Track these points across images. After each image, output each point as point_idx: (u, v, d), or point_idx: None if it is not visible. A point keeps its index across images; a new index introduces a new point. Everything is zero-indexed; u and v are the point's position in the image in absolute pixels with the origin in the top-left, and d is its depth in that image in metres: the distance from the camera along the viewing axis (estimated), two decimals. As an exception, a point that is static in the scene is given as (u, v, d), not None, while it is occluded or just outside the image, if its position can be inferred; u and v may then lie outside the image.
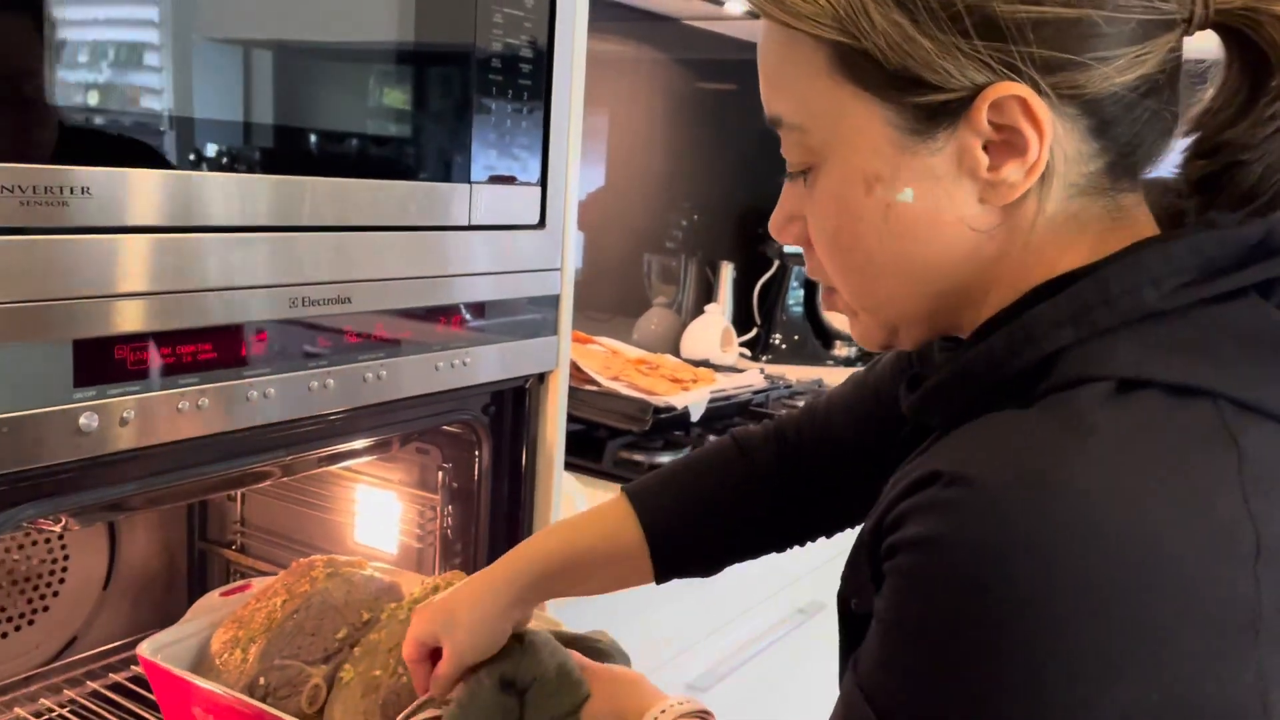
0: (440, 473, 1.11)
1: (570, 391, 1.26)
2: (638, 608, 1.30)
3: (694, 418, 1.59)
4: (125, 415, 0.70)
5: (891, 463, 0.57)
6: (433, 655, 0.79)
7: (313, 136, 0.80)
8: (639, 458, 1.53)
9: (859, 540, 0.56)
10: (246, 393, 0.78)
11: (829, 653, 0.64)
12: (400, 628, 0.87)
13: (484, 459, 1.07)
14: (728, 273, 2.40)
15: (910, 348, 0.62)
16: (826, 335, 2.43)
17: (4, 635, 1.12)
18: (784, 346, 2.42)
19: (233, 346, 0.76)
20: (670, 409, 1.54)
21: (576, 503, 1.27)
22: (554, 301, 1.05)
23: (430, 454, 1.12)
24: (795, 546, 0.84)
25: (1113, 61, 0.51)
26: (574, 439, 1.48)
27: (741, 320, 2.42)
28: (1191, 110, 0.56)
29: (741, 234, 2.46)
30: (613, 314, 2.24)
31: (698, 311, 2.30)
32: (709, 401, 1.62)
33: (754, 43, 0.59)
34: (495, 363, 1.00)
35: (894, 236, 0.56)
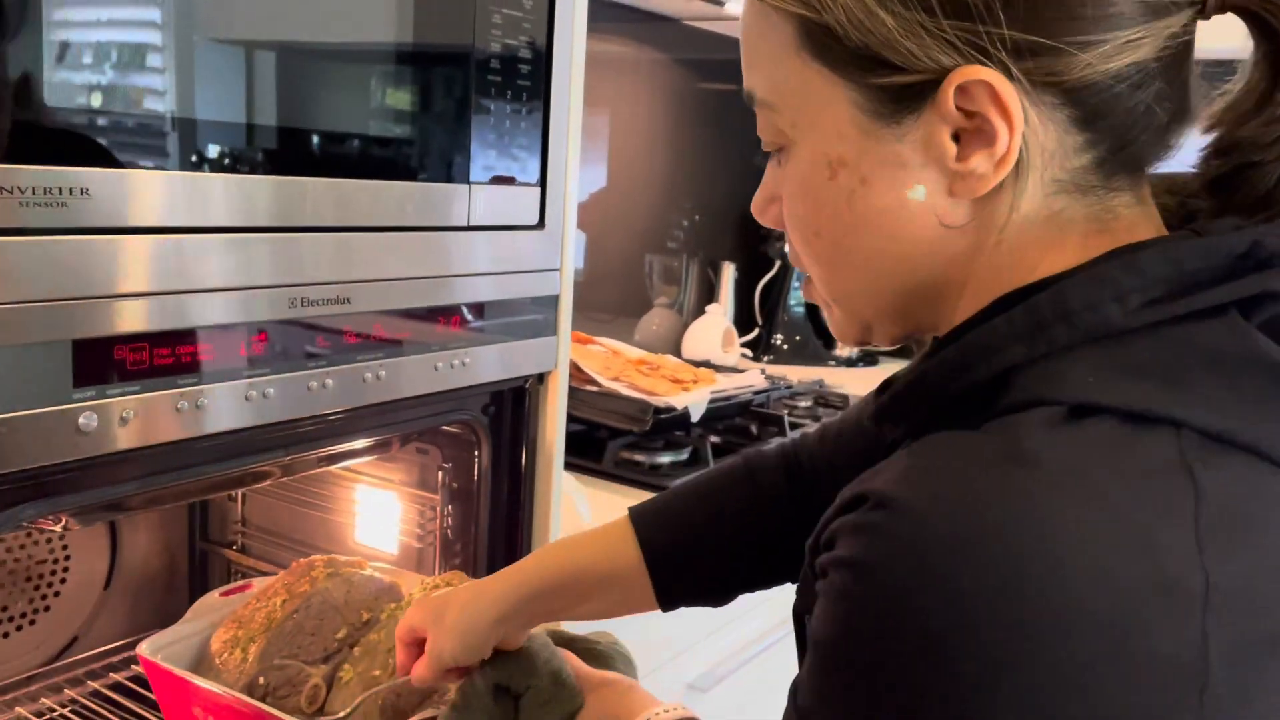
0: (440, 473, 1.11)
1: (571, 392, 1.26)
2: (638, 608, 1.30)
3: (694, 418, 1.59)
4: (125, 415, 0.70)
5: None
6: (421, 644, 0.78)
7: (313, 137, 0.81)
8: (639, 458, 1.53)
9: (806, 555, 0.53)
10: (246, 393, 0.78)
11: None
12: (400, 628, 0.87)
13: (484, 459, 1.07)
14: (729, 273, 2.40)
15: (887, 345, 0.59)
16: (828, 336, 2.43)
17: (5, 635, 1.12)
18: (785, 347, 2.42)
19: (233, 347, 0.77)
20: (670, 409, 1.54)
21: (576, 503, 1.27)
22: (553, 302, 1.05)
23: (430, 454, 1.12)
24: None
25: (1096, 47, 0.47)
26: (574, 439, 1.48)
27: (743, 321, 2.42)
28: (1215, 104, 0.52)
29: (743, 234, 2.47)
30: (614, 314, 2.24)
31: (699, 312, 2.30)
32: (709, 402, 1.62)
33: (755, 43, 0.59)
34: (495, 363, 1.00)
35: (859, 225, 0.53)
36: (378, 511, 1.20)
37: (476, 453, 1.07)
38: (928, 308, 0.55)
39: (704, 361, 2.07)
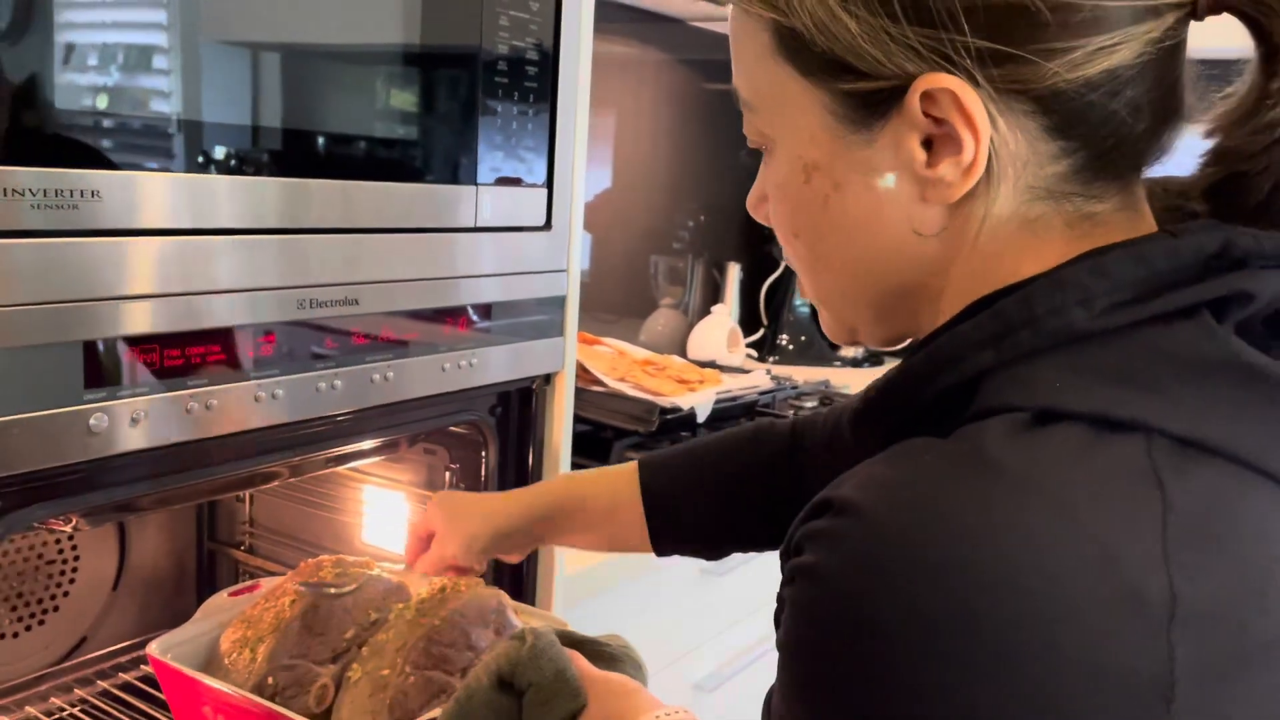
0: (447, 473, 1.11)
1: (577, 392, 1.26)
2: (644, 608, 1.30)
3: (700, 419, 1.59)
4: (135, 416, 0.71)
5: None
6: (429, 539, 0.90)
7: (320, 139, 0.81)
8: (645, 458, 1.53)
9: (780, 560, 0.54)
10: (255, 394, 0.78)
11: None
12: (407, 628, 0.87)
13: (491, 459, 1.07)
14: (734, 274, 2.40)
15: (876, 345, 0.58)
16: (833, 336, 2.43)
17: (15, 635, 1.13)
18: (791, 347, 2.42)
19: (241, 348, 0.77)
20: (676, 410, 1.54)
21: (583, 503, 1.27)
22: (560, 303, 1.06)
23: (437, 454, 1.13)
24: None
25: (1064, 55, 0.46)
26: (580, 439, 1.48)
27: (748, 321, 2.42)
28: (1217, 107, 0.51)
29: (748, 235, 2.47)
30: (620, 315, 2.24)
31: (704, 312, 2.30)
32: (715, 402, 1.63)
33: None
34: (502, 364, 1.00)
35: (834, 229, 0.53)
36: (385, 512, 1.20)
37: (483, 453, 1.07)
38: (908, 311, 0.55)
39: (709, 362, 2.07)
